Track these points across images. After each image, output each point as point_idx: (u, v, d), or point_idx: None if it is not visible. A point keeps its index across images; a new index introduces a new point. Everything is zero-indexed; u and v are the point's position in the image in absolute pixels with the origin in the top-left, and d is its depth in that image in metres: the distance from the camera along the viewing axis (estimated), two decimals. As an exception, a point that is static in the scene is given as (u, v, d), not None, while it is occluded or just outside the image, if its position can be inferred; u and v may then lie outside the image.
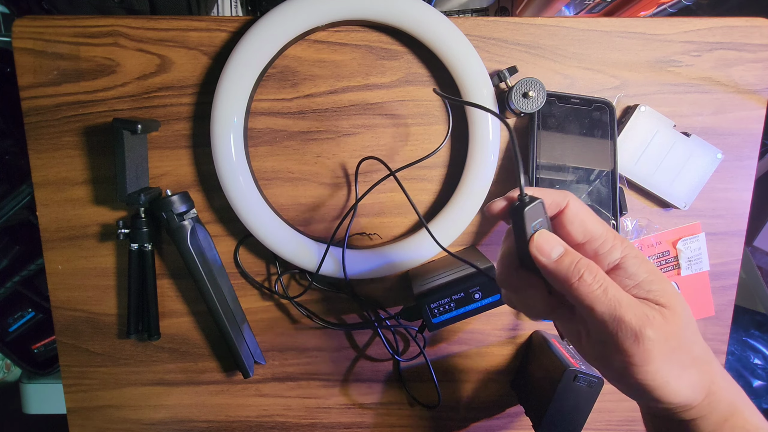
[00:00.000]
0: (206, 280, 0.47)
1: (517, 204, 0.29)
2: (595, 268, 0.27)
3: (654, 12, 0.66)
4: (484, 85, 0.45)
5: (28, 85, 0.46)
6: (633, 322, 0.25)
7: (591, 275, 0.27)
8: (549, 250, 0.28)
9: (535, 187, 0.32)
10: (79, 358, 0.52)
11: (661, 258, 0.51)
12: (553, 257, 0.28)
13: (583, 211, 0.30)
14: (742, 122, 0.49)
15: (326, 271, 0.47)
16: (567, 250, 0.28)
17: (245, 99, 0.44)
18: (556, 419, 0.44)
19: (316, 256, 0.46)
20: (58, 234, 0.49)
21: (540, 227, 0.29)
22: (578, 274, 0.27)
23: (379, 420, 0.54)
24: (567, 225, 0.30)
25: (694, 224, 0.50)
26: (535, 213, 0.28)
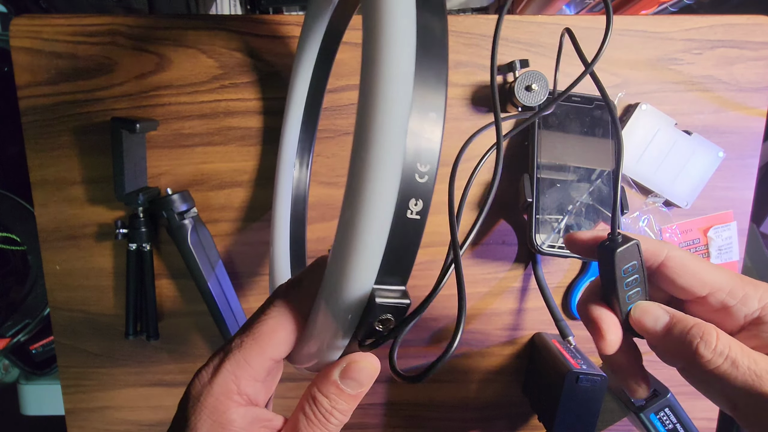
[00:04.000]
0: (206, 279, 0.46)
1: (607, 241, 0.25)
2: (713, 334, 0.22)
3: (655, 11, 0.66)
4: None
5: (25, 84, 0.46)
6: None
7: (709, 347, 0.22)
8: (651, 323, 0.24)
9: (625, 231, 0.27)
10: (77, 359, 0.52)
11: (691, 246, 0.50)
12: (658, 329, 0.24)
13: (691, 260, 0.25)
14: (743, 120, 0.48)
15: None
16: (674, 317, 0.23)
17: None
18: (567, 423, 0.43)
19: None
20: (55, 234, 0.49)
21: (634, 283, 0.25)
22: (692, 346, 0.22)
23: (379, 420, 0.54)
24: (676, 279, 0.25)
25: (726, 212, 0.50)
26: (630, 256, 0.24)
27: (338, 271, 0.19)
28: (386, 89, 0.17)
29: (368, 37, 0.18)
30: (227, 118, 0.47)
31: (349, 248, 0.18)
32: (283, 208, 0.44)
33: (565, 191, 0.45)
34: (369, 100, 0.17)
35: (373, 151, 0.17)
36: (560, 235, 0.44)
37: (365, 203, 0.18)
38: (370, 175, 0.17)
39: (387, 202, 0.18)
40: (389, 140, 0.17)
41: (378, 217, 0.18)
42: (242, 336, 0.22)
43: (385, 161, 0.17)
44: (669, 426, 0.41)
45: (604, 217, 0.45)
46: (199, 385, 0.21)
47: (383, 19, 0.18)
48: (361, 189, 0.18)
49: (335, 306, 0.20)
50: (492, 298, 0.51)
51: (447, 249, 0.49)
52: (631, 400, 0.42)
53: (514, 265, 0.50)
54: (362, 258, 0.18)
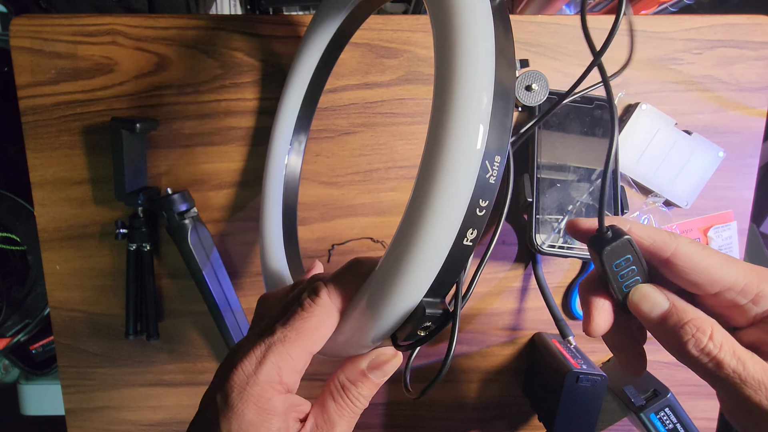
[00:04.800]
0: (206, 279, 0.46)
1: (597, 239, 0.24)
2: (707, 331, 0.22)
3: (655, 11, 0.66)
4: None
5: (25, 84, 0.46)
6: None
7: (698, 345, 0.22)
8: (648, 309, 0.23)
9: (634, 222, 0.26)
10: (77, 359, 0.52)
11: None
12: (654, 316, 0.23)
13: (702, 255, 0.23)
14: (743, 120, 0.49)
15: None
16: (673, 306, 0.23)
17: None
18: (567, 423, 0.43)
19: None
20: (56, 234, 0.49)
21: (630, 273, 0.24)
22: (682, 340, 0.22)
23: (379, 420, 0.54)
24: (684, 275, 0.24)
25: (726, 212, 0.50)
26: (621, 252, 0.24)
27: (393, 280, 0.21)
28: (467, 138, 0.19)
29: (444, 78, 0.20)
30: (227, 118, 0.47)
31: (409, 263, 0.21)
32: (273, 199, 0.44)
33: (565, 191, 0.45)
34: (447, 142, 0.19)
35: (448, 189, 0.20)
36: (560, 235, 0.44)
37: (433, 230, 0.20)
38: (442, 208, 0.20)
39: (452, 231, 0.20)
40: (465, 182, 0.20)
41: (442, 244, 0.20)
42: (285, 329, 0.23)
43: (457, 199, 0.20)
44: (669, 426, 0.41)
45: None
46: (243, 374, 0.22)
47: (464, 68, 0.20)
48: (431, 217, 0.20)
49: (381, 310, 0.22)
50: (492, 298, 0.51)
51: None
52: (631, 400, 0.42)
53: (514, 265, 0.50)
54: (420, 274, 0.21)
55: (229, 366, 0.23)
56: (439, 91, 0.20)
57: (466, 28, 0.20)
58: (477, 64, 0.20)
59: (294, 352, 0.23)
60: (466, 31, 0.20)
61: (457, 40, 0.20)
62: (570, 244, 0.44)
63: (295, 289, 0.27)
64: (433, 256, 0.21)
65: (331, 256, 0.50)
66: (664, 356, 0.52)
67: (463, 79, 0.19)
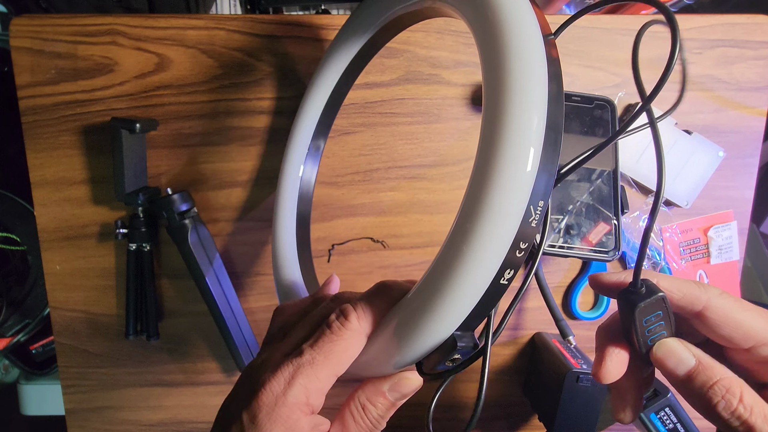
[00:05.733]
0: (206, 279, 0.46)
1: (628, 293, 0.24)
2: (737, 393, 0.21)
3: (655, 11, 0.66)
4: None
5: (25, 84, 0.46)
6: None
7: (728, 408, 0.21)
8: (673, 365, 0.22)
9: (661, 274, 0.25)
10: (77, 359, 0.52)
11: (691, 245, 0.51)
12: (679, 373, 0.22)
13: (735, 309, 0.23)
14: (743, 120, 0.48)
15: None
16: (700, 364, 0.22)
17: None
18: (567, 423, 0.43)
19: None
20: (56, 234, 0.49)
21: (658, 328, 0.23)
22: (711, 402, 0.21)
23: (379, 420, 0.54)
24: (716, 329, 0.23)
25: (726, 212, 0.50)
26: (653, 309, 0.23)
27: (426, 312, 0.22)
28: (516, 188, 0.20)
29: (495, 126, 0.20)
30: (227, 118, 0.47)
31: (445, 298, 0.21)
32: (288, 206, 0.43)
33: (565, 191, 0.45)
34: (495, 191, 0.20)
35: (493, 233, 0.20)
36: (560, 235, 0.44)
37: (473, 270, 0.21)
38: (485, 250, 0.20)
39: (492, 272, 0.21)
40: (510, 227, 0.20)
41: (480, 283, 0.21)
42: (314, 352, 0.23)
43: (500, 242, 0.20)
44: (669, 426, 0.41)
45: (604, 217, 0.45)
46: (272, 395, 0.22)
47: (516, 124, 0.20)
48: (473, 258, 0.20)
49: (411, 339, 0.23)
50: (492, 297, 0.51)
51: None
52: None
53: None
54: (455, 309, 0.22)
55: (255, 383, 0.23)
56: (489, 136, 0.21)
57: (520, 89, 0.20)
58: (530, 121, 0.20)
59: (322, 375, 0.23)
60: (520, 92, 0.20)
61: (509, 97, 0.20)
62: (570, 244, 0.44)
63: (317, 305, 0.28)
64: (470, 294, 0.21)
65: (331, 256, 0.50)
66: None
67: (514, 136, 0.20)
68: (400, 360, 0.24)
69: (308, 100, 0.43)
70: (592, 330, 0.52)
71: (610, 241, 0.44)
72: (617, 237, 0.44)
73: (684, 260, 0.51)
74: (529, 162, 0.20)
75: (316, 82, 0.42)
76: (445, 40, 0.46)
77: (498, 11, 0.22)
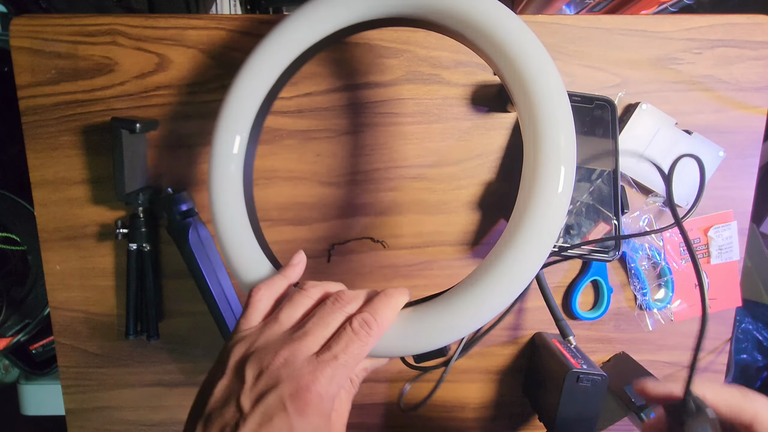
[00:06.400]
0: (206, 279, 0.46)
1: (677, 407, 0.24)
2: None
3: (655, 11, 0.66)
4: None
5: (25, 84, 0.46)
6: None
7: None
8: None
9: (707, 383, 0.25)
10: (77, 359, 0.52)
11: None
12: None
13: None
14: (743, 120, 0.48)
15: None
16: None
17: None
18: (567, 423, 0.43)
19: None
20: (56, 234, 0.49)
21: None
22: None
23: (379, 420, 0.54)
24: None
25: (726, 212, 0.50)
26: (702, 428, 0.23)
27: (438, 329, 0.31)
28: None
29: (534, 182, 0.32)
30: (227, 118, 0.47)
31: (461, 324, 0.31)
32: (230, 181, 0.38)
33: (566, 191, 0.45)
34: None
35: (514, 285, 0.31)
36: (560, 235, 0.44)
37: (490, 308, 0.31)
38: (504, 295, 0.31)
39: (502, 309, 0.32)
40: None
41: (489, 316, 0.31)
42: (346, 356, 0.28)
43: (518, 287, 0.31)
44: (669, 426, 0.41)
45: (604, 217, 0.45)
46: (318, 394, 0.26)
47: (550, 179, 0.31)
48: (491, 298, 0.31)
49: (414, 345, 0.32)
50: (492, 297, 0.51)
51: (446, 249, 0.49)
52: (631, 400, 0.42)
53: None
54: (463, 332, 0.31)
55: (299, 380, 0.26)
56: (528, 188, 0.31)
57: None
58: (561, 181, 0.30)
59: (350, 373, 0.29)
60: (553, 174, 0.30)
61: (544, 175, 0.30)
62: (570, 244, 0.44)
63: (310, 295, 0.31)
64: (475, 325, 0.30)
65: (331, 256, 0.50)
66: (663, 356, 0.52)
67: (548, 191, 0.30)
68: (397, 355, 0.32)
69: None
70: (592, 330, 0.52)
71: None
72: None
73: (684, 260, 0.51)
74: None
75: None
76: (446, 40, 0.46)
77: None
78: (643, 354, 0.50)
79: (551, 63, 0.32)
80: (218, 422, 0.26)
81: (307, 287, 0.32)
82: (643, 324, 0.52)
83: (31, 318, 0.85)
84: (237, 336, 0.30)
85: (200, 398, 0.29)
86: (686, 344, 0.53)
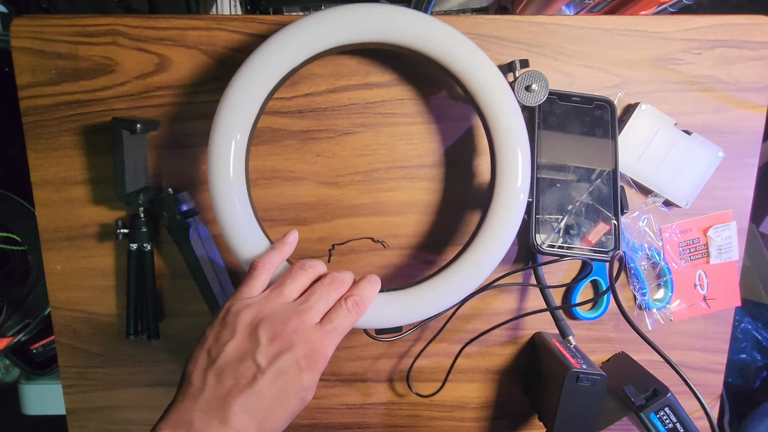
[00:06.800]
0: (207, 279, 0.46)
1: None
2: None
3: (655, 11, 0.66)
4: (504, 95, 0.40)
5: (26, 84, 0.46)
6: None
7: None
8: None
9: None
10: (78, 359, 0.52)
11: (691, 245, 0.51)
12: None
13: None
14: (743, 120, 0.49)
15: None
16: None
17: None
18: (567, 423, 0.43)
19: None
20: (56, 234, 0.49)
21: None
22: None
23: (379, 420, 0.54)
24: None
25: (725, 212, 0.50)
26: None
27: (391, 317, 0.42)
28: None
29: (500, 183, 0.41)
30: (227, 118, 0.47)
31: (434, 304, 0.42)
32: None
33: (565, 191, 0.45)
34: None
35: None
36: (560, 234, 0.44)
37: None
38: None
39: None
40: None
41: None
42: (343, 326, 0.36)
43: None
44: (669, 425, 0.41)
45: (604, 217, 0.45)
46: (324, 355, 0.35)
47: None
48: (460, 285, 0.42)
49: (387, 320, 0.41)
50: (492, 298, 0.51)
51: (447, 249, 0.49)
52: (631, 400, 0.42)
53: (514, 265, 0.50)
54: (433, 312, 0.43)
55: (311, 344, 0.34)
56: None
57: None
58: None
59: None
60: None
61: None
62: (570, 244, 0.44)
63: (306, 273, 0.38)
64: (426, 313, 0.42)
65: (331, 256, 0.50)
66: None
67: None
68: (370, 327, 0.41)
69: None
70: (592, 330, 0.52)
71: (609, 241, 0.44)
72: (617, 237, 0.44)
73: (683, 260, 0.51)
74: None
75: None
76: (445, 41, 0.46)
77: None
78: (643, 354, 0.50)
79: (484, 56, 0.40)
80: (232, 374, 0.32)
81: (306, 266, 0.38)
82: (643, 324, 0.52)
83: (32, 318, 0.85)
84: (240, 302, 0.35)
85: (206, 354, 0.33)
86: (686, 344, 0.53)
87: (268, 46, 0.40)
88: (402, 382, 0.53)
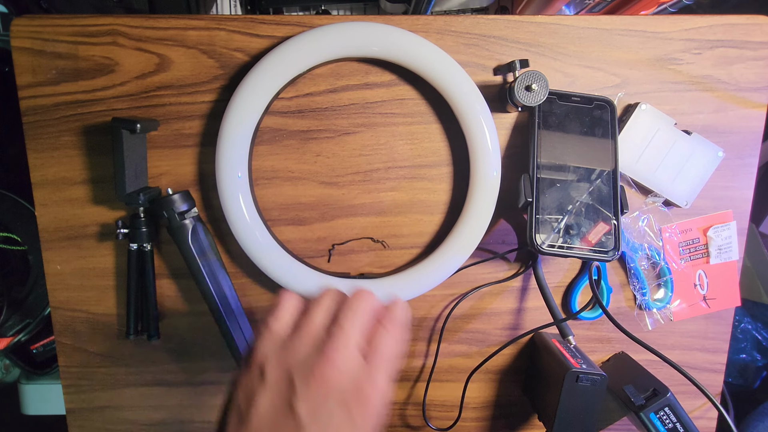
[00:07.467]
0: (207, 279, 0.46)
1: None
2: None
3: (655, 11, 0.66)
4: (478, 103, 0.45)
5: (26, 84, 0.46)
6: None
7: None
8: None
9: None
10: (78, 359, 0.52)
11: (691, 245, 0.51)
12: None
13: None
14: (743, 120, 0.49)
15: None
16: None
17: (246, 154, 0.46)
18: (567, 423, 0.43)
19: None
20: (56, 234, 0.49)
21: None
22: None
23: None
24: None
25: (725, 212, 0.50)
26: None
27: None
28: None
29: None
30: (227, 118, 0.47)
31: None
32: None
33: (565, 191, 0.45)
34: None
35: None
36: (560, 234, 0.44)
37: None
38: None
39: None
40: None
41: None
42: (391, 355, 0.31)
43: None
44: (669, 425, 0.42)
45: (604, 217, 0.45)
46: (380, 395, 0.30)
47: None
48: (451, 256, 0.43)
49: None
50: (492, 297, 0.51)
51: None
52: (631, 400, 0.42)
53: (514, 265, 0.51)
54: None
55: (357, 383, 0.28)
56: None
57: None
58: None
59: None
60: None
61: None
62: (570, 244, 0.44)
63: (334, 299, 0.33)
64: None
65: (331, 256, 0.50)
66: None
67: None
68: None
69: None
70: (592, 330, 0.52)
71: (609, 241, 0.44)
72: (617, 237, 0.44)
73: (683, 260, 0.51)
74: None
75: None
76: (446, 41, 0.47)
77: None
78: (643, 354, 0.50)
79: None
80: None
81: (330, 292, 0.33)
82: (643, 324, 0.52)
83: (32, 318, 0.85)
84: (269, 342, 0.30)
85: (237, 413, 0.28)
86: (686, 344, 0.53)
87: (273, 55, 0.43)
88: (402, 382, 0.53)
